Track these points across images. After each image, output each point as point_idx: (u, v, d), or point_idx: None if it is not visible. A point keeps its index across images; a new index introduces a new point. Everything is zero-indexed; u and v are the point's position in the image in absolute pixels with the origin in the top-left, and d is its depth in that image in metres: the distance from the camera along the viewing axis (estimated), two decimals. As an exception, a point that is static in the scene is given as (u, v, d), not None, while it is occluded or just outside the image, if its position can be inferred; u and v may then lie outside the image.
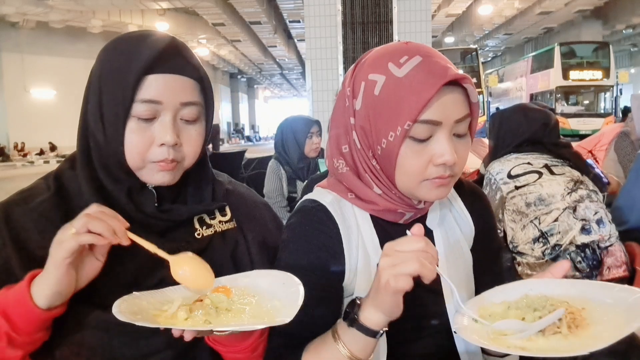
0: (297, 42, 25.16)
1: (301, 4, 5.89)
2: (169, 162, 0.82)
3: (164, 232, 0.86)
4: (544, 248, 1.82)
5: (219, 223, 0.93)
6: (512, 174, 1.92)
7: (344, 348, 0.75)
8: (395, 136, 0.77)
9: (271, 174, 3.06)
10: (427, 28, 5.11)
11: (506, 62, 28.30)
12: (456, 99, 0.78)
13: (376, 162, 0.82)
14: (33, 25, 19.38)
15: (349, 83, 0.85)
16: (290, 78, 41.85)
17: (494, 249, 1.02)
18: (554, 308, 0.69)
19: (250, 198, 1.02)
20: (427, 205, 0.88)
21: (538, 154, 1.96)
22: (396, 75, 0.77)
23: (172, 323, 0.72)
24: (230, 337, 0.80)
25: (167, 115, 0.81)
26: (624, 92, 17.25)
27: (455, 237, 0.94)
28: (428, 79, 0.75)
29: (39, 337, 0.76)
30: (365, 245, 0.87)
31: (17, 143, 20.45)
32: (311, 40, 5.11)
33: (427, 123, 0.76)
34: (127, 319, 0.68)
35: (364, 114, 0.81)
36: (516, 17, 21.43)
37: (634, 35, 23.96)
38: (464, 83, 0.78)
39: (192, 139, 0.85)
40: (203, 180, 0.94)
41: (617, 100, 16.54)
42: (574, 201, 1.84)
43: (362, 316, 0.74)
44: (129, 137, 0.80)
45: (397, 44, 0.83)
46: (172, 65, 0.81)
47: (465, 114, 0.79)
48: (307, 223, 0.87)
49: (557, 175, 1.89)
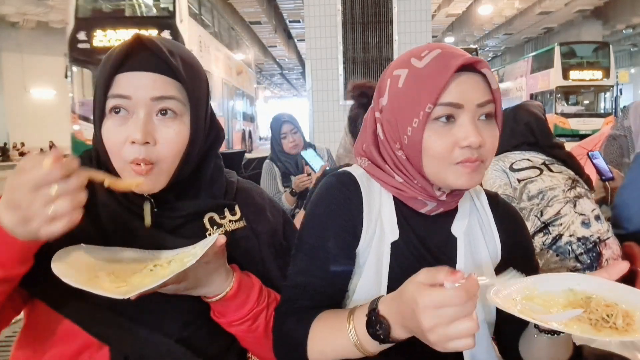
0: (297, 42, 25.17)
1: (301, 4, 5.90)
2: (140, 163, 0.79)
3: (174, 229, 0.87)
4: (545, 238, 1.85)
5: (229, 222, 0.93)
6: (515, 167, 1.95)
7: (356, 341, 0.75)
8: (419, 121, 0.80)
9: (265, 174, 3.16)
10: (427, 28, 5.11)
11: (506, 62, 28.29)
12: (476, 83, 0.81)
13: (402, 153, 0.85)
14: (33, 25, 19.40)
15: (377, 85, 0.90)
16: (290, 78, 41.85)
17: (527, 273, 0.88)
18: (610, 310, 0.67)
19: (258, 195, 1.03)
20: (449, 198, 0.88)
21: (534, 153, 2.00)
22: (417, 67, 0.82)
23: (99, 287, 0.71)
24: (225, 304, 0.85)
25: (140, 113, 0.80)
26: (624, 92, 17.27)
27: (479, 252, 0.93)
28: (445, 64, 0.79)
29: (24, 271, 0.73)
30: (382, 221, 0.89)
31: (17, 143, 20.45)
32: (311, 40, 5.11)
33: (448, 105, 0.79)
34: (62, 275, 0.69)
35: (390, 107, 0.86)
36: (516, 17, 21.44)
37: (634, 35, 23.97)
38: (481, 68, 0.81)
39: (169, 137, 0.81)
40: (216, 181, 0.94)
41: (617, 100, 16.54)
42: (574, 196, 1.88)
43: (391, 335, 0.72)
44: (105, 135, 0.82)
45: (421, 45, 0.88)
46: (139, 62, 0.81)
47: (487, 99, 0.81)
48: (336, 186, 0.90)
49: (555, 172, 1.94)
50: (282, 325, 0.86)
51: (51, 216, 0.63)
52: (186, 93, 0.84)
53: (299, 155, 3.12)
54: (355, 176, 0.91)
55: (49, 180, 0.62)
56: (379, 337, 0.72)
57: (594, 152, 2.37)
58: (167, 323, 0.85)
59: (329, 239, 0.87)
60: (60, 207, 0.63)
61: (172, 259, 0.79)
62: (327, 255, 0.86)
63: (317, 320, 0.82)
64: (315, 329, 0.81)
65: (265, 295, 0.90)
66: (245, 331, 0.88)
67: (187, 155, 0.85)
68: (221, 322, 0.87)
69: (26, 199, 0.62)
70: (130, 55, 0.81)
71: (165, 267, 0.77)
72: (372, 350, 0.75)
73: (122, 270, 0.77)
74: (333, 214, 0.88)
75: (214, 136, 0.93)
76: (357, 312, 0.77)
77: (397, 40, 5.10)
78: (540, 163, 1.95)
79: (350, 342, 0.76)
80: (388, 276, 0.86)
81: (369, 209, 0.89)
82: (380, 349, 0.75)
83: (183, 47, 0.89)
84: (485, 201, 0.97)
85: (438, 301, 0.63)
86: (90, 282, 0.71)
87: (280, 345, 0.86)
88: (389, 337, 0.71)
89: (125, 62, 0.81)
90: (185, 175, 0.87)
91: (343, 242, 0.87)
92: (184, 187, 0.90)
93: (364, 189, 0.90)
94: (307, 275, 0.87)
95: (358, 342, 0.75)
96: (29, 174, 0.62)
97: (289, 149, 3.11)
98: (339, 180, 0.91)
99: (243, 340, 0.92)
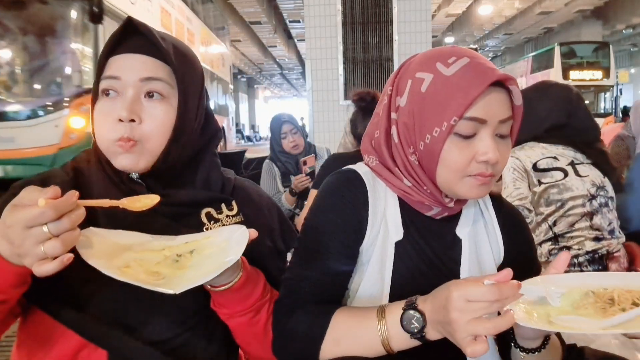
0: (297, 42, 25.16)
1: (301, 4, 5.90)
2: (125, 141, 0.81)
3: (171, 219, 0.87)
4: (552, 248, 1.79)
5: (227, 217, 0.94)
6: (539, 167, 1.81)
7: (385, 337, 0.76)
8: (441, 131, 0.79)
9: (265, 174, 3.16)
10: (427, 28, 5.11)
11: (506, 62, 28.29)
12: (501, 100, 0.80)
13: (415, 158, 0.84)
14: (33, 25, 19.36)
15: (391, 82, 0.88)
16: (290, 78, 41.85)
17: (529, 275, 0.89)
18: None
19: (255, 192, 1.03)
20: (456, 205, 0.88)
21: (563, 147, 1.84)
22: (444, 74, 0.80)
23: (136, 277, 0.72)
24: (231, 297, 0.84)
25: (129, 92, 0.83)
26: (624, 92, 17.27)
27: (483, 254, 0.93)
28: (476, 77, 0.78)
29: (20, 293, 0.73)
30: (387, 220, 0.88)
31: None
32: (311, 40, 5.11)
33: (472, 120, 0.78)
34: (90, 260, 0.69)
35: (408, 110, 0.83)
36: (516, 17, 21.44)
37: (634, 35, 23.96)
38: (510, 85, 0.80)
39: (154, 117, 0.83)
40: (212, 175, 0.94)
41: (617, 100, 16.52)
42: (593, 209, 1.78)
43: (424, 331, 0.74)
44: (95, 118, 0.84)
45: (444, 48, 0.86)
46: (130, 45, 0.84)
47: (509, 115, 0.81)
48: (342, 183, 0.90)
49: (582, 177, 1.80)
50: (289, 319, 0.84)
51: (43, 256, 0.62)
52: (175, 77, 0.85)
53: (299, 155, 3.13)
54: (361, 174, 0.91)
55: (41, 220, 0.62)
56: (413, 331, 0.73)
57: None
58: (163, 326, 0.85)
59: (332, 236, 0.87)
60: (51, 248, 0.62)
61: (194, 249, 0.80)
62: (329, 252, 0.86)
63: (337, 314, 0.81)
64: (335, 324, 0.81)
65: (268, 289, 0.90)
66: (246, 324, 0.87)
67: (173, 139, 0.85)
68: (223, 312, 0.87)
69: (19, 237, 0.62)
70: (123, 38, 0.84)
71: (188, 257, 0.78)
72: (398, 346, 0.76)
73: (145, 259, 0.77)
74: (338, 210, 0.88)
75: (211, 134, 0.94)
76: (390, 308, 0.78)
77: (397, 40, 5.09)
78: (567, 163, 1.81)
79: (376, 338, 0.76)
80: (392, 276, 0.86)
81: (374, 207, 0.88)
82: (405, 347, 0.76)
83: (178, 39, 0.92)
84: (489, 203, 0.97)
85: (471, 294, 0.66)
86: (127, 274, 0.72)
87: (284, 340, 0.85)
88: (422, 332, 0.73)
89: (118, 45, 0.84)
90: (174, 161, 0.87)
91: (347, 239, 0.87)
92: (178, 178, 0.90)
93: (369, 187, 0.89)
94: (310, 269, 0.87)
95: (387, 337, 0.76)
96: (23, 212, 0.62)
97: (289, 149, 3.12)
98: (345, 177, 0.91)
99: (241, 335, 0.91)
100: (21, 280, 0.70)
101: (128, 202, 0.74)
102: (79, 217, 0.65)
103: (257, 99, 47.91)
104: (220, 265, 0.74)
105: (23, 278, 0.70)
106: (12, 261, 0.65)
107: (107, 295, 0.81)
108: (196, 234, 0.84)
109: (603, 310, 0.69)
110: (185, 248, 0.80)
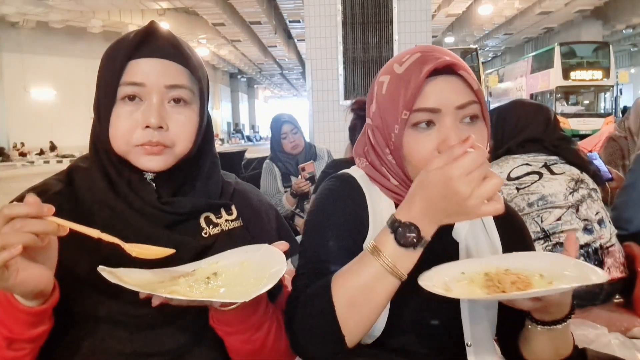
0: (297, 42, 25.15)
1: (301, 4, 5.89)
2: (154, 145, 0.81)
3: (170, 226, 0.87)
4: (545, 245, 1.80)
5: (226, 222, 0.93)
6: (512, 176, 1.87)
7: (390, 266, 0.74)
8: (399, 128, 0.81)
9: (265, 173, 3.17)
10: (427, 28, 5.10)
11: (506, 62, 28.28)
12: (453, 86, 0.80)
13: (392, 158, 0.86)
14: (33, 25, 19.39)
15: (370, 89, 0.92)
16: (290, 78, 41.84)
17: None
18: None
19: (255, 197, 1.03)
20: None
21: (535, 154, 1.89)
22: (397, 72, 0.83)
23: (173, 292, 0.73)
24: (235, 314, 0.79)
25: (153, 99, 0.82)
26: (624, 92, 17.26)
27: (481, 255, 0.92)
28: (420, 69, 0.79)
29: (37, 334, 0.74)
30: (384, 221, 0.86)
31: (17, 143, 20.44)
32: (311, 40, 5.11)
33: (424, 111, 0.80)
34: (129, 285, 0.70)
35: (377, 114, 0.87)
36: (516, 17, 21.43)
37: (634, 35, 23.96)
38: (458, 70, 0.80)
39: (180, 123, 0.84)
40: (211, 178, 0.94)
41: (617, 100, 16.52)
42: (577, 201, 1.81)
43: (422, 234, 0.73)
44: (114, 122, 0.82)
45: (408, 49, 0.87)
46: (153, 49, 0.83)
47: (468, 100, 0.80)
48: (340, 185, 0.92)
49: (557, 174, 1.85)
50: (297, 314, 0.82)
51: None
52: (195, 82, 0.86)
53: (299, 155, 3.13)
54: (356, 177, 0.92)
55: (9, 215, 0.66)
56: (413, 242, 0.72)
57: (592, 154, 2.36)
58: (166, 342, 0.84)
59: (331, 238, 0.87)
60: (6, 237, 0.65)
61: (215, 271, 0.79)
62: (328, 253, 0.86)
63: (334, 282, 0.78)
64: (337, 290, 0.77)
65: (270, 307, 0.87)
66: (244, 341, 0.84)
67: (194, 143, 0.87)
68: (222, 329, 0.83)
69: None
70: (144, 42, 0.83)
71: (215, 278, 0.78)
72: (408, 266, 0.74)
73: (175, 289, 0.76)
74: (338, 210, 0.88)
75: (209, 133, 0.94)
76: (379, 240, 0.76)
77: (397, 40, 5.09)
78: (541, 165, 1.86)
79: (384, 274, 0.74)
80: None
81: (373, 207, 0.89)
82: (412, 264, 0.74)
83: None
84: None
85: (467, 166, 0.67)
86: (192, 295, 0.74)
87: (304, 331, 0.81)
88: (421, 238, 0.72)
89: (139, 49, 0.82)
90: (183, 164, 0.88)
91: (347, 240, 0.87)
92: (179, 181, 0.89)
93: (365, 189, 0.90)
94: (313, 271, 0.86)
95: (392, 265, 0.73)
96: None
97: (289, 149, 3.12)
98: (342, 179, 0.92)
99: (236, 351, 0.87)
100: (31, 320, 0.72)
101: (137, 248, 0.75)
102: (36, 225, 0.67)
103: (257, 99, 47.93)
104: (272, 275, 0.74)
105: (32, 317, 0.72)
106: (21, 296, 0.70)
107: None
108: (198, 262, 0.82)
109: (487, 287, 0.76)
110: (203, 273, 0.79)
